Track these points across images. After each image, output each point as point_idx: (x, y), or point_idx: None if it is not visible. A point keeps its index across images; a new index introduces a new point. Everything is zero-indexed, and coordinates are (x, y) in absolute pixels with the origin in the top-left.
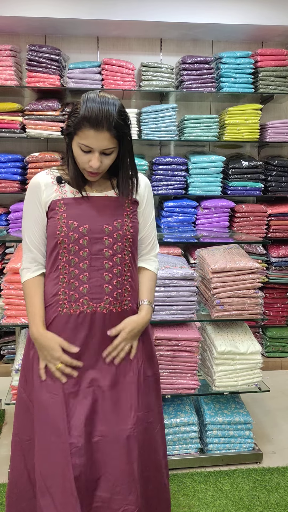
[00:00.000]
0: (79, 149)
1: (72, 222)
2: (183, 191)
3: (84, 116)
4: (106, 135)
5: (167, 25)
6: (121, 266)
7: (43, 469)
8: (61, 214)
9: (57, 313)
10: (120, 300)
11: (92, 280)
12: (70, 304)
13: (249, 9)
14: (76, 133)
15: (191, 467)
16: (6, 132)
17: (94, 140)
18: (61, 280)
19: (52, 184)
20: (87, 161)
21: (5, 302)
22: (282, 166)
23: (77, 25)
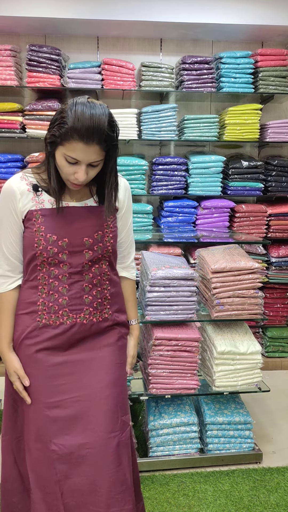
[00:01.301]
0: (64, 160)
1: (51, 236)
2: (183, 191)
3: (73, 127)
4: (96, 148)
5: (167, 25)
6: (100, 276)
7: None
8: (38, 226)
9: (35, 322)
10: (100, 310)
11: (72, 292)
12: (50, 315)
13: (249, 9)
14: (63, 143)
15: (191, 467)
16: (6, 132)
17: (82, 153)
18: (41, 291)
19: (28, 192)
20: (72, 173)
21: None
22: (282, 166)
23: (77, 25)
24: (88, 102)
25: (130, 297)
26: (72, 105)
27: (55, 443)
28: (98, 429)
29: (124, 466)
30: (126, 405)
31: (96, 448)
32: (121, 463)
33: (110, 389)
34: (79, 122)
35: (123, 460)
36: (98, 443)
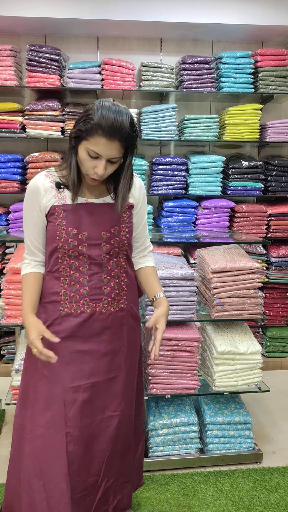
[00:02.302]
0: (86, 154)
1: (72, 229)
2: (183, 191)
3: (98, 123)
4: (117, 145)
5: (167, 25)
6: (118, 269)
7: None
8: (60, 220)
9: (58, 312)
10: (117, 300)
11: (92, 283)
12: (71, 304)
13: (249, 9)
14: (87, 138)
15: (191, 467)
16: (6, 132)
17: (104, 148)
18: (63, 282)
19: (51, 189)
20: (92, 167)
21: (5, 302)
22: (282, 166)
23: (77, 25)
24: (113, 103)
25: (153, 275)
26: (98, 105)
27: (70, 426)
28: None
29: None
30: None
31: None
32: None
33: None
34: (104, 120)
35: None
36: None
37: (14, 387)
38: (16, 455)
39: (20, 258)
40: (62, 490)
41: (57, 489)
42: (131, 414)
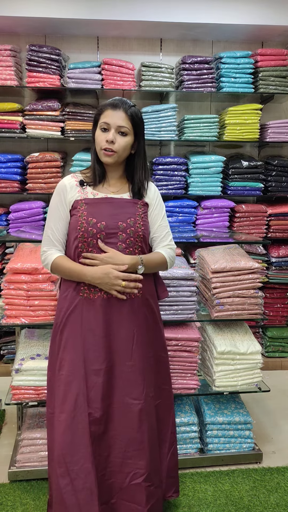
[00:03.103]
0: (99, 131)
1: (92, 219)
2: (183, 191)
3: (106, 103)
4: (122, 114)
5: (167, 25)
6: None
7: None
8: (82, 212)
9: (78, 298)
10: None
11: None
12: (90, 289)
13: (249, 9)
14: (99, 118)
15: (191, 467)
16: (6, 132)
17: (110, 117)
18: None
19: (75, 186)
20: (104, 139)
21: (5, 302)
22: (282, 166)
23: (77, 25)
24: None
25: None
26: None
27: (92, 407)
28: (124, 394)
29: (143, 430)
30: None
31: (120, 409)
32: (141, 427)
33: (138, 364)
34: (110, 101)
35: (143, 426)
36: (123, 406)
37: (14, 387)
38: (50, 444)
39: (20, 258)
40: (88, 469)
41: (83, 469)
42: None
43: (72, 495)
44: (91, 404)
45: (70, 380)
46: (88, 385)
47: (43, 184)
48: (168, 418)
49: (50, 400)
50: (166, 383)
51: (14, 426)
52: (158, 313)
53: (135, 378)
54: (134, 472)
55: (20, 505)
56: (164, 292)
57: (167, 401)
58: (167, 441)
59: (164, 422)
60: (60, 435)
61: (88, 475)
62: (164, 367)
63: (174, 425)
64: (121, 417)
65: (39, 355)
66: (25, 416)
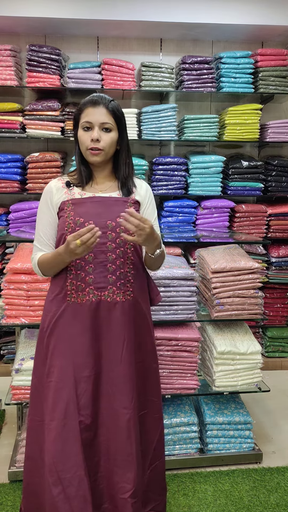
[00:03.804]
0: (82, 131)
1: (79, 219)
2: (183, 191)
3: (85, 101)
4: (103, 110)
5: (167, 25)
6: (124, 259)
7: (54, 447)
8: (69, 212)
9: (65, 303)
10: (123, 290)
11: (97, 271)
12: (78, 293)
13: (249, 9)
14: (80, 117)
15: (191, 467)
16: (6, 132)
17: (92, 115)
18: (69, 272)
19: (62, 188)
20: (88, 138)
21: (5, 302)
22: (282, 166)
23: (77, 25)
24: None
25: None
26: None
27: (82, 414)
28: (113, 401)
29: (132, 441)
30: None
31: (109, 416)
32: (129, 437)
33: (127, 370)
34: (89, 98)
35: (132, 436)
36: (111, 413)
37: (14, 387)
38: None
39: (20, 258)
40: (80, 476)
41: (75, 476)
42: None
43: (66, 503)
44: (81, 411)
45: (60, 387)
46: (78, 392)
47: (43, 184)
48: (154, 432)
49: (35, 407)
50: (155, 395)
51: (14, 426)
52: (150, 319)
53: (124, 386)
54: (122, 485)
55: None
56: (157, 297)
57: (154, 414)
58: (148, 457)
59: (149, 434)
60: (51, 443)
61: (81, 482)
62: (153, 377)
63: (160, 442)
64: (110, 424)
65: None
66: (25, 416)
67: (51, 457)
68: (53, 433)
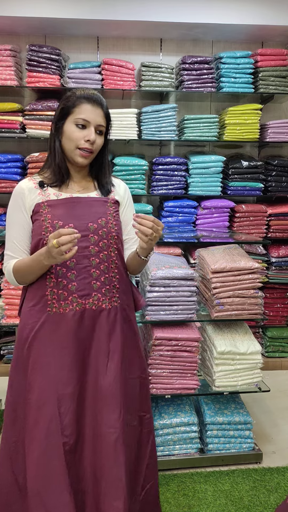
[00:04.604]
0: (74, 126)
1: (57, 222)
2: (183, 191)
3: (81, 95)
4: (101, 112)
5: (167, 25)
6: (108, 263)
7: (35, 469)
8: (45, 215)
9: (46, 313)
10: (109, 297)
11: (80, 277)
12: (59, 303)
13: (249, 9)
14: (73, 111)
15: (191, 467)
16: (6, 132)
17: (90, 113)
18: (48, 280)
19: (35, 189)
20: (82, 137)
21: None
22: (282, 166)
23: (77, 25)
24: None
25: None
26: (76, 89)
27: (66, 435)
28: (98, 420)
29: (120, 464)
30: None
31: (93, 437)
32: (117, 459)
33: (114, 384)
34: (85, 92)
35: (119, 458)
36: (97, 433)
37: None
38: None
39: None
40: (65, 500)
41: (60, 501)
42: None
43: None
44: (64, 431)
45: (41, 404)
46: (61, 411)
47: None
48: (145, 447)
49: (11, 427)
50: (145, 409)
51: None
52: (136, 326)
53: (111, 401)
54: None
55: None
56: (141, 301)
57: (144, 429)
58: (140, 477)
59: (140, 450)
60: (32, 466)
61: (66, 506)
62: (142, 389)
63: (153, 458)
64: (95, 445)
65: None
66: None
67: (33, 482)
68: (34, 455)
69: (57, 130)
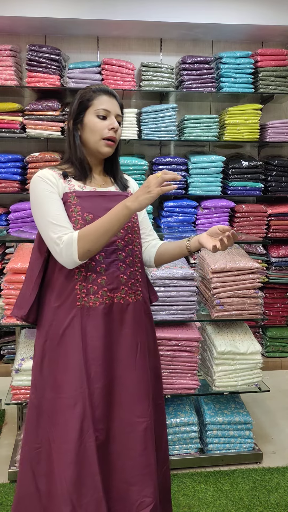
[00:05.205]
0: (95, 118)
1: (88, 215)
2: (183, 191)
3: (98, 88)
4: (117, 103)
5: (167, 25)
6: (132, 257)
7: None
8: (74, 207)
9: (75, 308)
10: (134, 290)
11: (109, 271)
12: (89, 297)
13: (249, 9)
14: (91, 103)
15: (191, 467)
16: (6, 132)
17: (110, 104)
18: (78, 274)
19: (59, 178)
20: (106, 127)
21: (5, 302)
22: (282, 166)
23: (77, 25)
24: None
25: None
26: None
27: (97, 429)
28: (127, 411)
29: (149, 452)
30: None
31: (122, 428)
32: (146, 448)
33: (142, 376)
34: (100, 87)
35: (149, 446)
36: (126, 424)
37: (14, 387)
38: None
39: (20, 258)
40: (98, 499)
41: (93, 500)
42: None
43: None
44: (96, 426)
45: (72, 403)
46: (93, 406)
47: None
48: (161, 436)
49: (34, 432)
50: (160, 398)
51: (14, 426)
52: (152, 318)
53: (139, 393)
54: (141, 500)
55: None
56: (155, 296)
57: (161, 416)
58: (159, 461)
59: (158, 440)
60: (65, 468)
61: (99, 505)
62: (159, 378)
63: (166, 443)
64: (123, 438)
65: None
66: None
67: (66, 485)
68: (68, 457)
69: (76, 125)
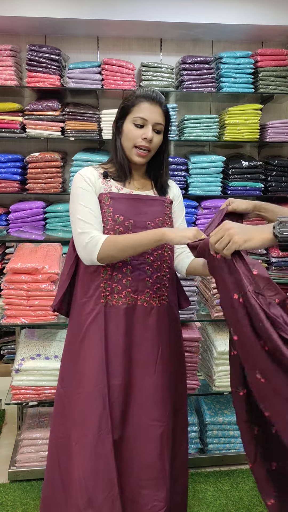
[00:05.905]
0: (132, 125)
1: (119, 216)
2: (183, 191)
3: (140, 94)
4: (159, 110)
5: (167, 25)
6: (161, 262)
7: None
8: (107, 208)
9: (99, 305)
10: (159, 295)
11: (135, 274)
12: (113, 296)
13: (249, 9)
14: (131, 110)
15: (191, 467)
16: (6, 132)
17: (148, 112)
18: (103, 273)
19: (99, 178)
20: (140, 135)
21: (5, 302)
22: (282, 166)
23: (77, 25)
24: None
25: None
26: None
27: (115, 427)
28: (143, 414)
29: (164, 457)
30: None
31: (137, 431)
32: (162, 453)
33: (161, 381)
34: (144, 91)
35: (165, 451)
36: (142, 427)
37: (14, 387)
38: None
39: (20, 258)
40: (114, 495)
41: (109, 497)
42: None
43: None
44: (114, 423)
45: (92, 398)
46: (111, 402)
47: (43, 184)
48: (179, 445)
49: (60, 423)
50: (182, 404)
51: (14, 426)
52: (180, 324)
53: (157, 396)
54: (152, 504)
55: (20, 505)
56: (186, 301)
57: (182, 423)
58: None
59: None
60: (83, 462)
61: (115, 502)
62: (182, 385)
63: (186, 455)
64: (137, 440)
65: (39, 355)
66: (25, 416)
67: (83, 478)
68: (86, 451)
69: (118, 129)
